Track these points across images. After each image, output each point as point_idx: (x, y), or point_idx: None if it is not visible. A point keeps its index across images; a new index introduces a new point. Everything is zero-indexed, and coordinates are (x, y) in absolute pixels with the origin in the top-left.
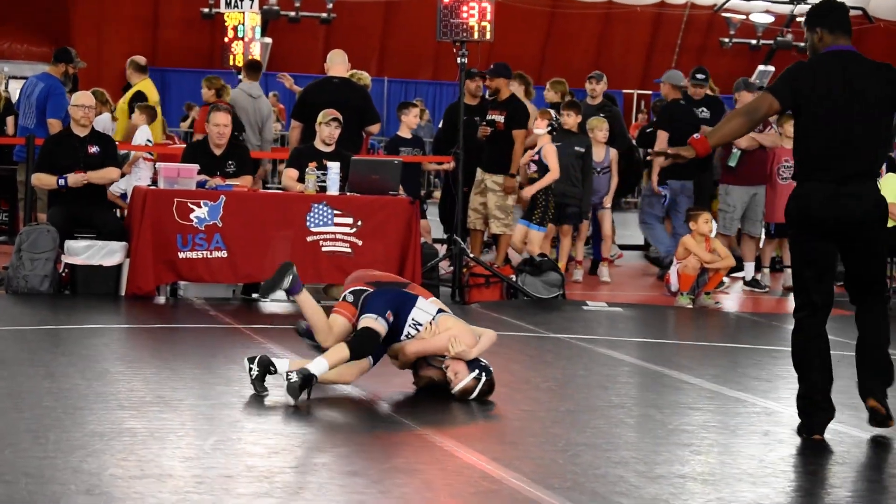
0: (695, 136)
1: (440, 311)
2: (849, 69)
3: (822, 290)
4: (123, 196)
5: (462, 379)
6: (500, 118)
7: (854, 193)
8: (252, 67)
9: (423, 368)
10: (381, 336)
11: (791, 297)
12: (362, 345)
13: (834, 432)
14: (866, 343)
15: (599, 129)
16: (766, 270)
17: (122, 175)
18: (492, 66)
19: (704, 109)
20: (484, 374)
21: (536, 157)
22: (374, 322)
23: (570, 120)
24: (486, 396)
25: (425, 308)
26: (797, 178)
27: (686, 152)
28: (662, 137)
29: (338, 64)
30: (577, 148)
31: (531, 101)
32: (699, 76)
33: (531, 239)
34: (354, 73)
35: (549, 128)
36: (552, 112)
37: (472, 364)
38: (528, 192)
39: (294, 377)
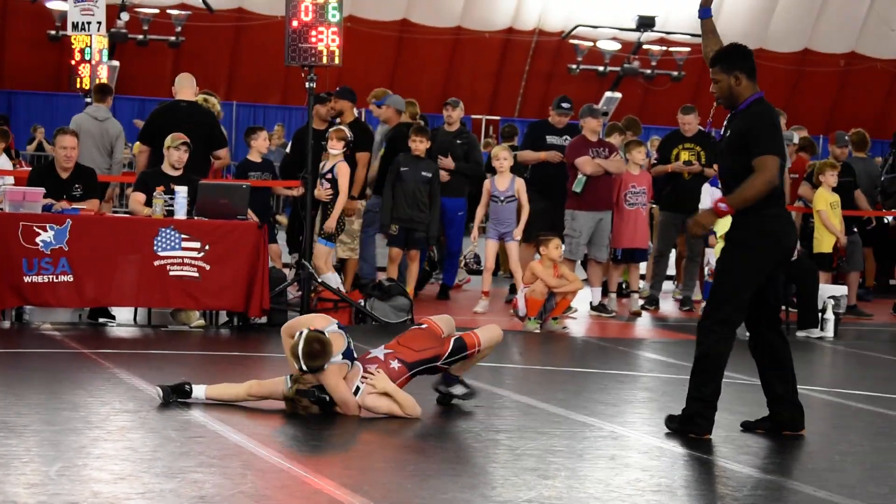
0: (720, 206)
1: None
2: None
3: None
4: None
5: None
6: None
7: (793, 223)
8: (99, 91)
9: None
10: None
11: (637, 321)
12: None
13: (680, 455)
14: (786, 367)
15: (500, 157)
16: (613, 295)
17: None
18: (337, 89)
19: (567, 137)
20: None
21: (330, 176)
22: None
23: (421, 146)
24: (310, 360)
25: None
26: (763, 209)
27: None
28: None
29: (185, 87)
30: (424, 173)
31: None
32: (564, 105)
33: (317, 253)
34: (207, 98)
35: (345, 148)
36: (346, 130)
37: None
38: (331, 223)
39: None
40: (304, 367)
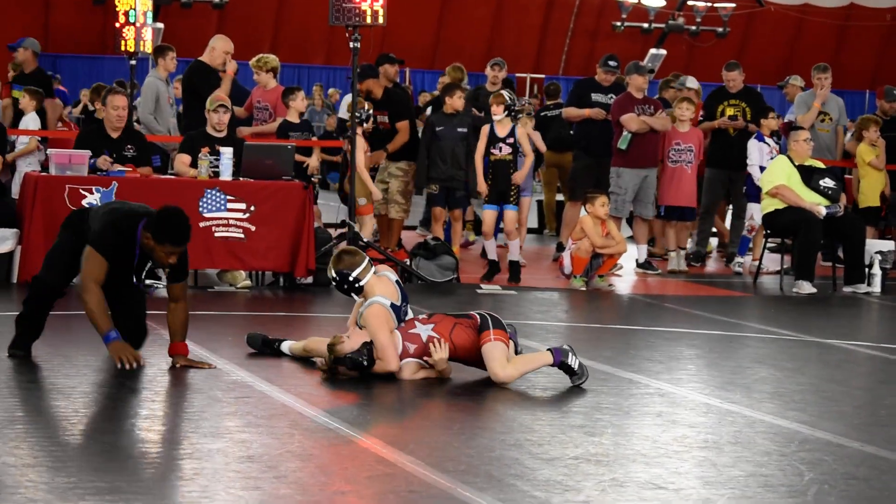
0: None
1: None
2: None
3: None
4: None
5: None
6: (384, 118)
7: None
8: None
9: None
10: None
11: (683, 278)
12: None
13: (727, 412)
14: None
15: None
16: (673, 254)
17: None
18: (358, 71)
19: (613, 95)
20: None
21: (511, 140)
22: None
23: (457, 102)
24: (334, 261)
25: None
26: None
27: None
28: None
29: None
30: (459, 129)
31: None
32: (611, 63)
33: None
34: (261, 58)
35: (506, 112)
36: (505, 94)
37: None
38: (519, 176)
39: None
40: (331, 272)
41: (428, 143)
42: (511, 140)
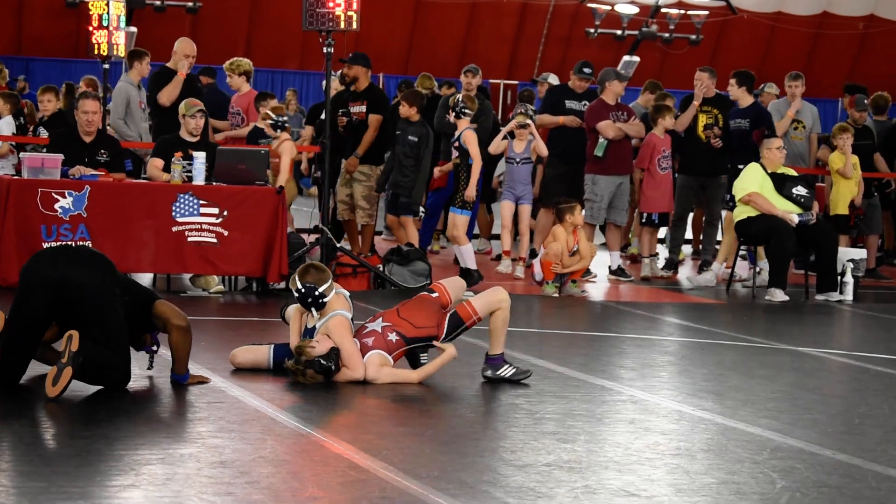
0: None
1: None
2: None
3: None
4: None
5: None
6: (361, 108)
7: None
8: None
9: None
10: None
11: (655, 285)
12: None
13: (699, 420)
14: None
15: (522, 133)
16: (647, 260)
17: None
18: (350, 55)
19: (586, 102)
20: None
21: (457, 144)
22: None
23: (405, 110)
24: (301, 275)
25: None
26: None
27: None
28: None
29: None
30: (410, 137)
31: None
32: (586, 70)
33: (456, 224)
34: (234, 61)
35: (454, 114)
36: (458, 97)
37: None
38: (470, 192)
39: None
40: (297, 283)
41: (394, 147)
42: (457, 144)
